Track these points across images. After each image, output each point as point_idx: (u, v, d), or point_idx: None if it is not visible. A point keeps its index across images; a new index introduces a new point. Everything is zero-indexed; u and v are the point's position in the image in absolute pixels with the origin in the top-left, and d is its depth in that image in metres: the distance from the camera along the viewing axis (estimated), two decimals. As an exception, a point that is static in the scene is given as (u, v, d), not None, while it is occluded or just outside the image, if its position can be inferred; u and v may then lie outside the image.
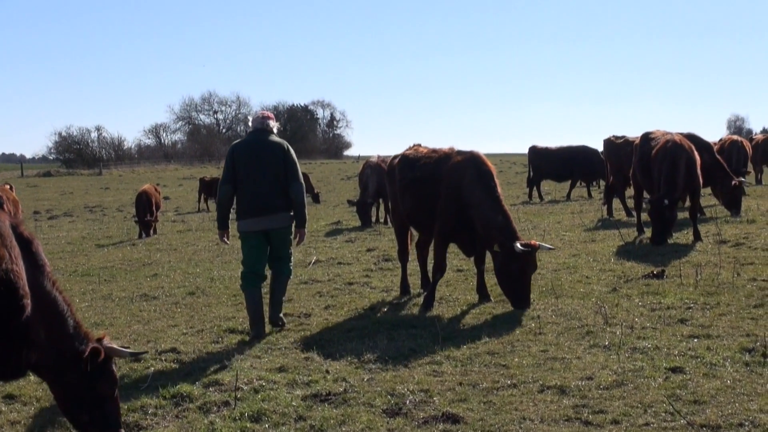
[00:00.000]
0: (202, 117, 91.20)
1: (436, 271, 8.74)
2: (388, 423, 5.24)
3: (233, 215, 7.95)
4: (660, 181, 12.24)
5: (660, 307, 7.97)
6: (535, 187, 24.09)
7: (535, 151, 24.09)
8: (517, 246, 8.05)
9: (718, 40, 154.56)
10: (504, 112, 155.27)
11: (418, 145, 9.72)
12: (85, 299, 9.93)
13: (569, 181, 24.39)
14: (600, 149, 21.67)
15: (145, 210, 17.94)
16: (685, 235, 12.72)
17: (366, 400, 5.65)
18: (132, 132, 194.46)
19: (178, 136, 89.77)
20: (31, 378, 5.77)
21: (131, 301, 9.75)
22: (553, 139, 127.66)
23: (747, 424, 4.91)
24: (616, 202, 17.24)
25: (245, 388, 5.94)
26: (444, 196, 8.61)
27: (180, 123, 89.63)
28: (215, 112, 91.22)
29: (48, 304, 4.58)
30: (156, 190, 19.44)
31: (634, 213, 14.41)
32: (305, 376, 6.20)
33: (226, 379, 6.15)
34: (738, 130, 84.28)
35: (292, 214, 7.84)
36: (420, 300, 8.89)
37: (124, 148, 78.43)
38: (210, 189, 24.87)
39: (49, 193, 37.01)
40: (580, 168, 23.58)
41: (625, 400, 5.41)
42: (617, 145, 16.90)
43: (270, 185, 7.71)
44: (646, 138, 13.26)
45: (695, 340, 6.75)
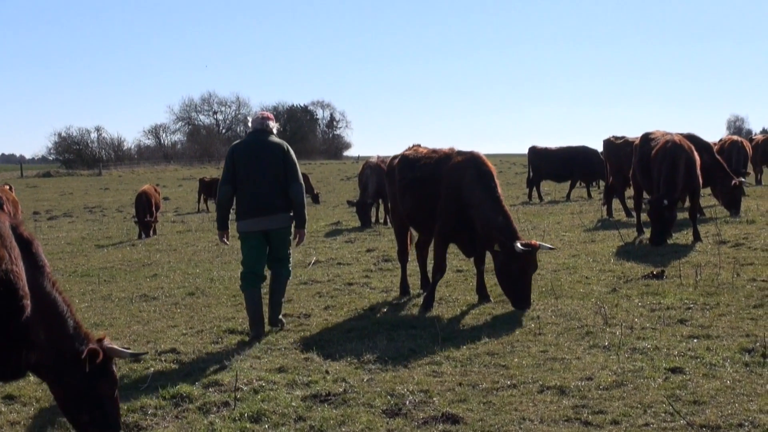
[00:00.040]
0: (202, 117, 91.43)
1: (436, 271, 8.74)
2: (387, 423, 5.24)
3: (233, 216, 7.95)
4: (659, 181, 12.24)
5: (660, 308, 7.97)
6: (534, 188, 24.07)
7: (534, 151, 24.08)
8: (518, 246, 8.04)
9: (717, 40, 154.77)
10: (504, 112, 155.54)
11: (418, 146, 9.70)
12: (85, 300, 9.93)
13: (569, 182, 24.38)
14: (600, 150, 21.67)
15: (145, 210, 17.94)
16: (684, 236, 12.72)
17: (366, 400, 5.65)
18: (132, 132, 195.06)
19: (177, 137, 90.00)
20: (31, 379, 5.77)
21: (131, 301, 9.75)
22: (553, 140, 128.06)
23: (747, 424, 4.91)
24: (616, 203, 17.24)
25: (245, 388, 5.94)
26: (444, 197, 8.60)
27: (180, 123, 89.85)
28: (215, 113, 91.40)
29: (48, 304, 4.58)
30: (156, 190, 19.44)
31: (634, 213, 14.41)
32: (305, 377, 6.20)
33: (226, 380, 6.15)
34: (737, 131, 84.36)
35: (291, 215, 7.84)
36: (419, 300, 8.89)
37: (124, 148, 78.62)
38: (209, 189, 24.86)
39: (48, 194, 37.00)
40: (580, 168, 23.57)
41: (625, 401, 5.41)
42: (617, 146, 16.89)
43: (270, 186, 7.71)
44: (646, 138, 13.26)
45: (695, 341, 6.75)
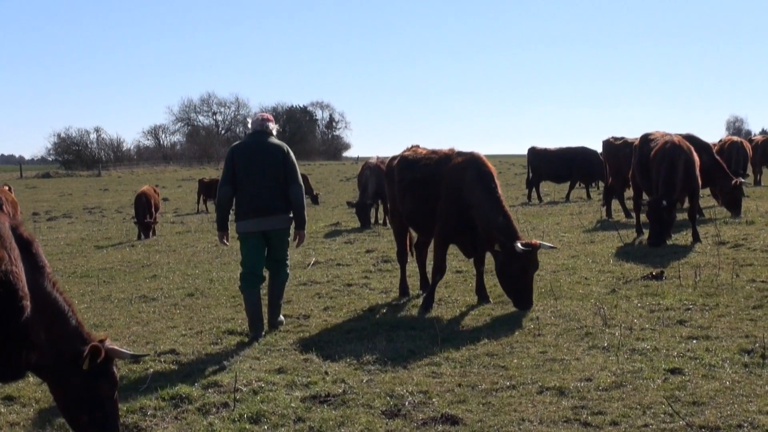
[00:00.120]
0: (201, 118, 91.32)
1: (436, 272, 8.74)
2: (387, 424, 5.24)
3: (232, 216, 7.95)
4: (658, 182, 12.25)
5: (659, 309, 7.97)
6: (534, 189, 24.08)
7: (534, 152, 24.08)
8: (518, 246, 8.03)
9: (717, 41, 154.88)
10: (503, 113, 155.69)
11: (417, 146, 9.70)
12: (84, 300, 9.93)
13: (568, 183, 24.39)
14: (599, 150, 21.66)
15: (144, 211, 17.94)
16: (684, 237, 12.73)
17: (365, 401, 5.65)
18: (131, 133, 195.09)
19: (177, 138, 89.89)
20: (31, 379, 5.78)
21: (130, 302, 9.75)
22: (553, 141, 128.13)
23: (746, 425, 4.91)
24: (615, 204, 17.25)
25: (244, 389, 5.94)
26: (444, 197, 8.60)
27: (179, 124, 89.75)
28: (214, 114, 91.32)
29: (48, 305, 4.58)
30: (155, 191, 19.44)
31: (633, 214, 14.43)
32: (304, 378, 6.20)
33: (225, 381, 6.14)
34: (737, 131, 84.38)
35: (291, 216, 7.85)
36: (419, 301, 8.89)
37: (123, 149, 78.56)
38: (209, 190, 24.86)
39: (48, 195, 36.99)
40: (579, 169, 23.57)
41: (624, 402, 5.41)
42: (616, 147, 16.89)
43: (269, 187, 7.72)
44: (646, 139, 13.26)
45: (694, 342, 6.75)
